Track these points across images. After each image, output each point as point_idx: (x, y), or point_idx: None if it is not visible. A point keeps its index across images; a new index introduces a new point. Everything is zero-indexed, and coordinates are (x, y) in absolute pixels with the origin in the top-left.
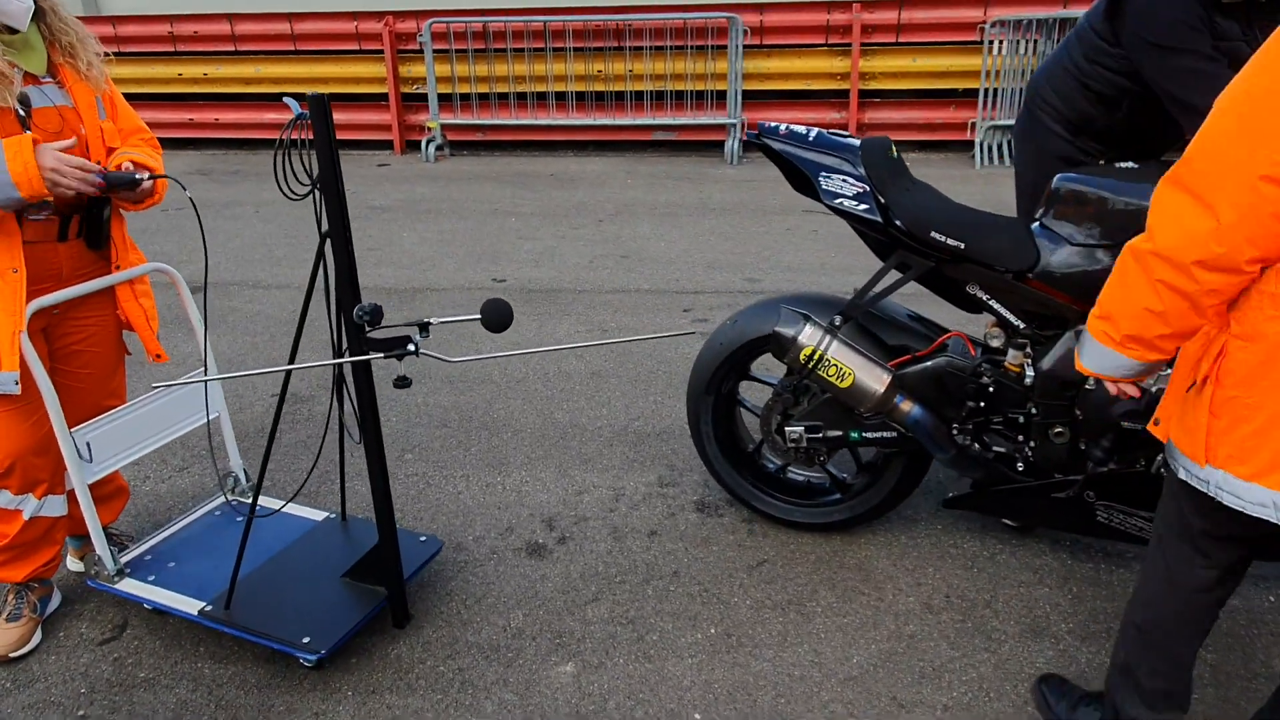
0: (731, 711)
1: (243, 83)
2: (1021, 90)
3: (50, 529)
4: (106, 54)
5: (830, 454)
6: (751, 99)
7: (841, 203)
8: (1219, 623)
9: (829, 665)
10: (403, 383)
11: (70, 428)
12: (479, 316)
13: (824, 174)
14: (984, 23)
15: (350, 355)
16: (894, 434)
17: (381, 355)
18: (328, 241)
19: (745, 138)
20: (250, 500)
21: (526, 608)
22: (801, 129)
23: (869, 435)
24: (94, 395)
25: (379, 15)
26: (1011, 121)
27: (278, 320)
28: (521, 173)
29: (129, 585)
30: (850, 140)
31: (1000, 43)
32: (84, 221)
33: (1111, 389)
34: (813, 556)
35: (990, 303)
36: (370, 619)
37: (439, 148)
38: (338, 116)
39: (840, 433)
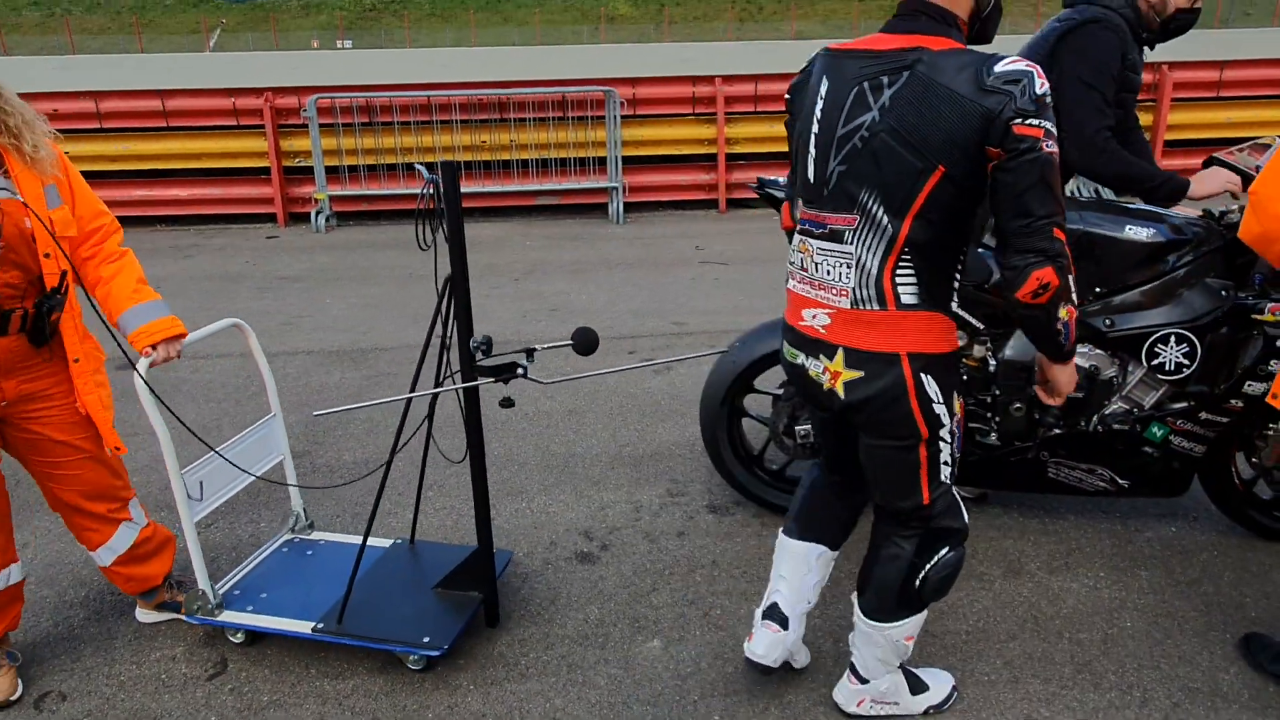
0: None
1: (108, 160)
2: None
3: (17, 588)
4: (57, 134)
5: None
6: (630, 164)
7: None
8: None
9: None
10: (507, 403)
11: (66, 515)
12: (571, 342)
13: None
14: None
15: (464, 381)
16: None
17: (491, 380)
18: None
19: (744, 190)
20: (311, 534)
21: (598, 602)
22: (783, 179)
23: None
24: (86, 483)
25: (258, 92)
26: None
27: (232, 386)
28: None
29: (229, 616)
30: None
31: None
32: (27, 318)
33: (1046, 399)
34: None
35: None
36: (473, 618)
37: (328, 219)
38: (213, 191)
39: None
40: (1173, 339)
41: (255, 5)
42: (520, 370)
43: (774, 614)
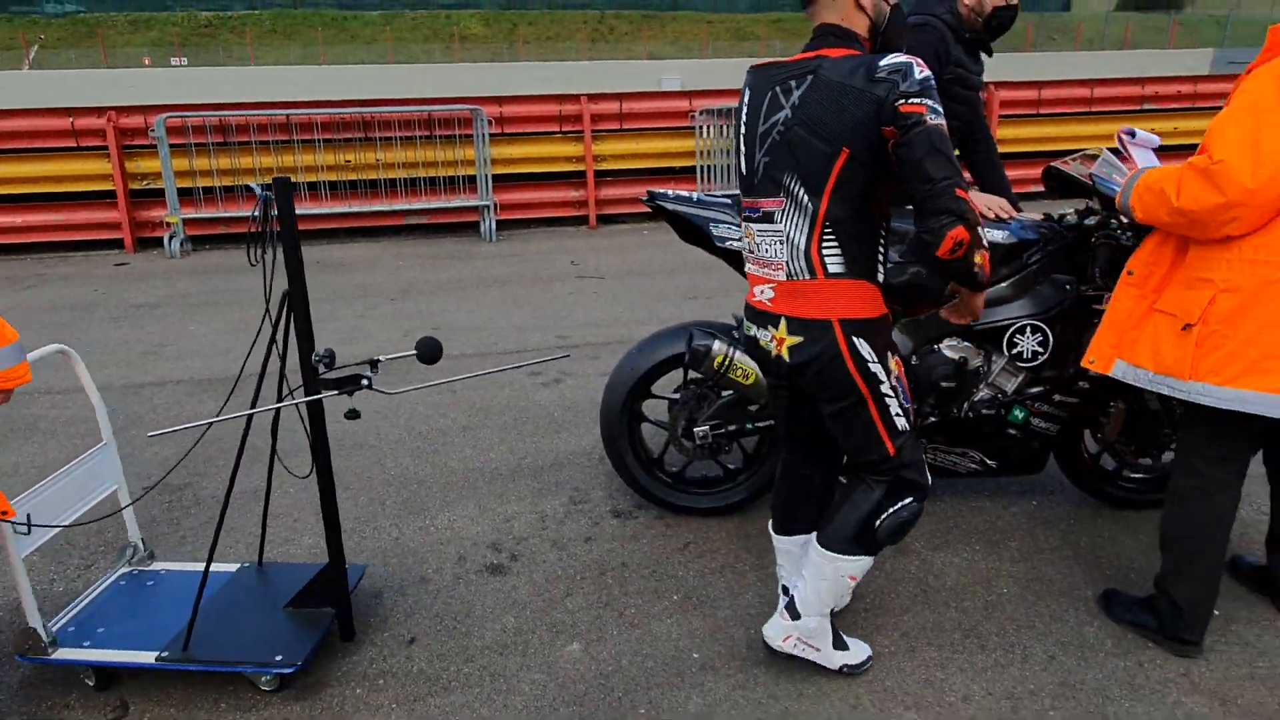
0: (719, 646)
1: None
2: (727, 166)
3: None
4: None
5: (730, 446)
6: (500, 182)
7: (731, 243)
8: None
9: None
10: (353, 415)
11: None
12: (415, 352)
13: (713, 224)
14: (692, 111)
15: (306, 396)
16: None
17: (335, 393)
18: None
19: (643, 204)
20: (151, 564)
21: (514, 611)
22: (685, 193)
23: (760, 424)
24: None
25: (99, 110)
26: (727, 191)
27: (86, 421)
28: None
29: (65, 653)
30: (724, 199)
31: (707, 128)
32: None
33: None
34: (723, 532)
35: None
36: (326, 634)
37: (182, 243)
38: (52, 217)
39: (737, 426)
40: (1028, 330)
41: (77, 20)
42: (365, 382)
43: (788, 593)
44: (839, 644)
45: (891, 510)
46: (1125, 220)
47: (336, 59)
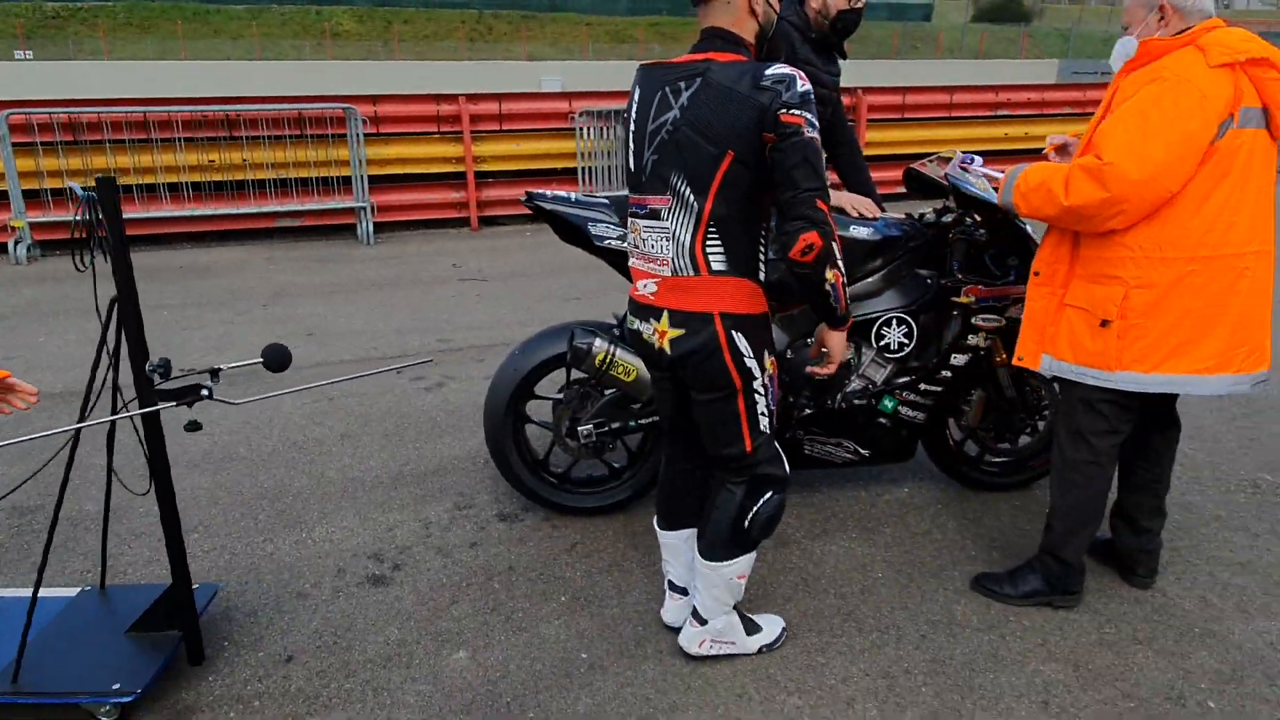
0: (608, 645)
1: None
2: (609, 168)
3: None
4: None
5: (614, 444)
6: (377, 183)
7: (610, 242)
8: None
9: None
10: (194, 426)
11: None
12: (261, 360)
13: (591, 224)
14: (572, 112)
15: (141, 408)
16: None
17: (173, 404)
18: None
19: (529, 207)
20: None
21: (397, 622)
22: (564, 193)
23: (643, 421)
24: None
25: None
26: (609, 193)
27: None
28: (144, 268)
29: None
30: (601, 199)
31: (588, 129)
32: None
33: (819, 371)
34: (610, 531)
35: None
36: (172, 659)
37: (29, 249)
38: None
39: (621, 423)
40: (894, 322)
41: None
42: (205, 392)
43: (674, 587)
44: (751, 628)
45: (756, 507)
46: (980, 218)
47: (199, 54)
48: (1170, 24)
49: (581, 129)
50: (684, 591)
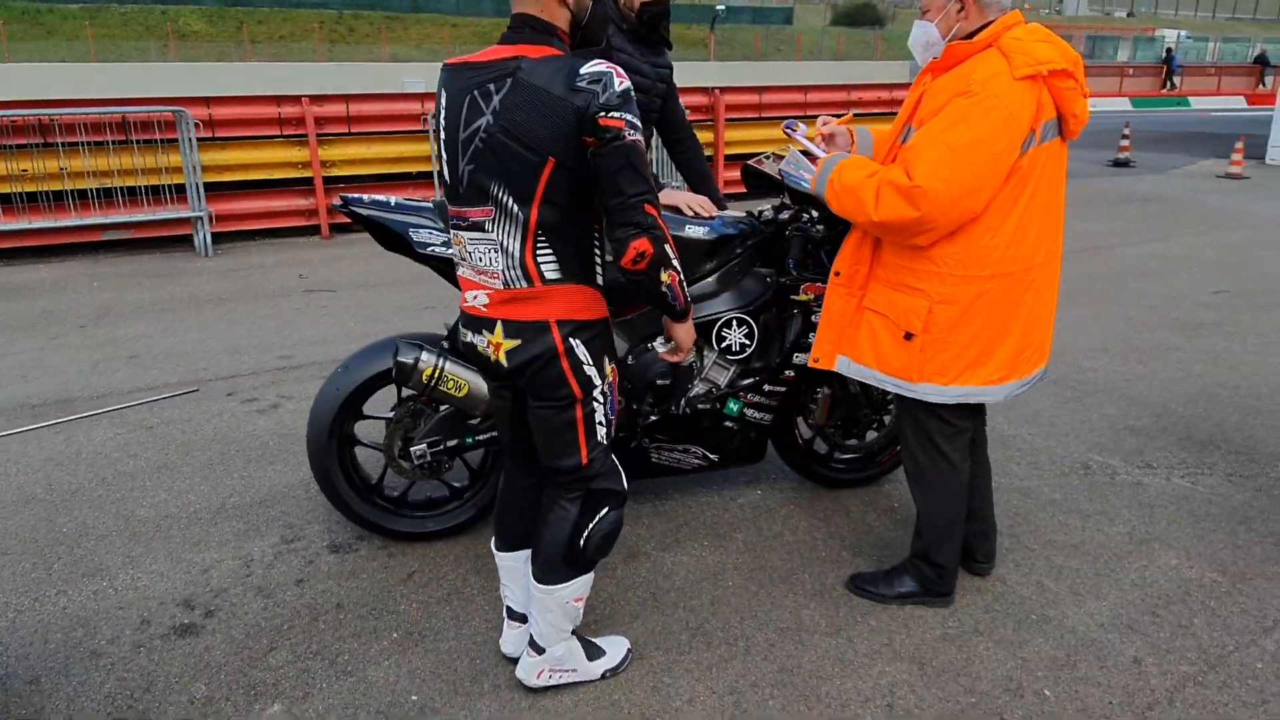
0: (441, 684)
1: None
2: None
3: None
4: None
5: (451, 463)
6: (215, 191)
7: (434, 250)
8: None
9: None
10: None
11: None
12: None
13: (413, 230)
14: (425, 114)
15: None
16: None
17: None
18: None
19: (338, 206)
20: None
21: (205, 676)
22: (383, 198)
23: (482, 437)
24: None
25: None
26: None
27: None
28: None
29: None
30: (425, 204)
31: None
32: None
33: (668, 357)
34: (451, 556)
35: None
36: None
37: None
38: None
39: (457, 441)
40: (734, 323)
41: None
42: None
43: (513, 614)
44: (593, 653)
45: (592, 525)
46: (816, 214)
47: (25, 57)
48: (970, 17)
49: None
50: (523, 618)
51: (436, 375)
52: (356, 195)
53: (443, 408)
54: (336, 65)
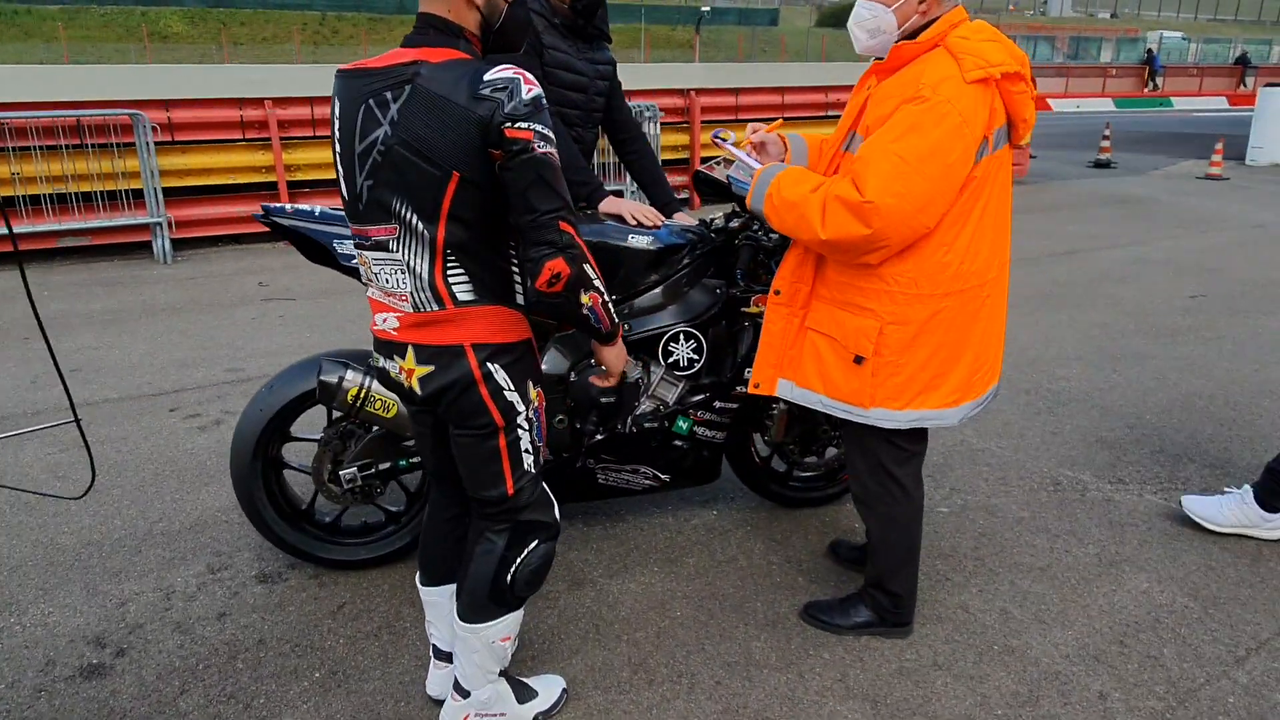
0: None
1: None
2: None
3: None
4: None
5: (385, 487)
6: (174, 196)
7: (355, 262)
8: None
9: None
10: None
11: None
12: None
13: (337, 241)
14: None
15: None
16: None
17: None
18: None
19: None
20: None
21: None
22: (307, 207)
23: (414, 460)
24: None
25: None
26: None
27: None
28: None
29: None
30: None
31: None
32: None
33: (599, 382)
34: (385, 586)
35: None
36: None
37: None
38: None
39: (390, 463)
40: (682, 337)
41: None
42: None
43: (439, 653)
44: (524, 694)
45: (520, 559)
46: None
47: (6, 58)
48: (929, 9)
49: None
50: (450, 658)
51: (363, 395)
52: (278, 205)
53: (375, 428)
54: (311, 67)
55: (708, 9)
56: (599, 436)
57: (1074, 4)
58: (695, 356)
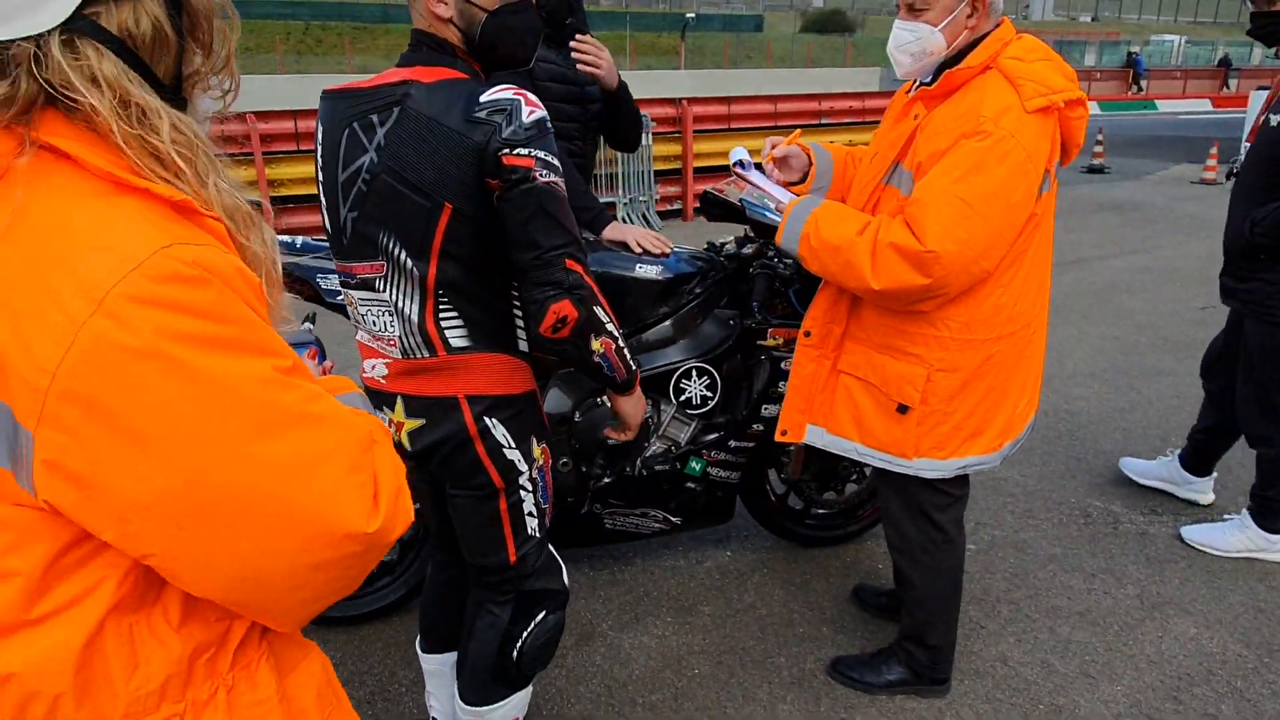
0: None
1: None
2: None
3: None
4: None
5: None
6: None
7: (341, 299)
8: None
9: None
10: None
11: None
12: None
13: (321, 275)
14: None
15: None
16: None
17: None
18: None
19: None
20: None
21: None
22: (286, 238)
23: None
24: None
25: None
26: None
27: None
28: None
29: None
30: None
31: None
32: None
33: (615, 436)
34: (379, 643)
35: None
36: None
37: None
38: None
39: None
40: (694, 373)
41: None
42: None
43: None
44: None
45: (526, 633)
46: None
47: None
48: (979, 25)
49: None
50: None
51: None
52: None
53: None
54: (294, 78)
55: (693, 15)
56: (606, 480)
57: (1055, 8)
58: (709, 393)
